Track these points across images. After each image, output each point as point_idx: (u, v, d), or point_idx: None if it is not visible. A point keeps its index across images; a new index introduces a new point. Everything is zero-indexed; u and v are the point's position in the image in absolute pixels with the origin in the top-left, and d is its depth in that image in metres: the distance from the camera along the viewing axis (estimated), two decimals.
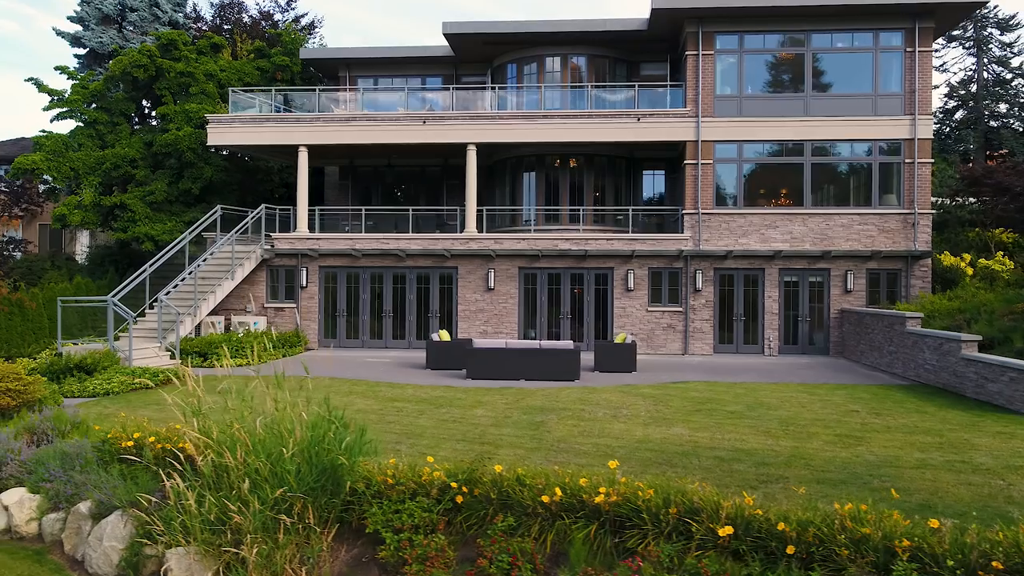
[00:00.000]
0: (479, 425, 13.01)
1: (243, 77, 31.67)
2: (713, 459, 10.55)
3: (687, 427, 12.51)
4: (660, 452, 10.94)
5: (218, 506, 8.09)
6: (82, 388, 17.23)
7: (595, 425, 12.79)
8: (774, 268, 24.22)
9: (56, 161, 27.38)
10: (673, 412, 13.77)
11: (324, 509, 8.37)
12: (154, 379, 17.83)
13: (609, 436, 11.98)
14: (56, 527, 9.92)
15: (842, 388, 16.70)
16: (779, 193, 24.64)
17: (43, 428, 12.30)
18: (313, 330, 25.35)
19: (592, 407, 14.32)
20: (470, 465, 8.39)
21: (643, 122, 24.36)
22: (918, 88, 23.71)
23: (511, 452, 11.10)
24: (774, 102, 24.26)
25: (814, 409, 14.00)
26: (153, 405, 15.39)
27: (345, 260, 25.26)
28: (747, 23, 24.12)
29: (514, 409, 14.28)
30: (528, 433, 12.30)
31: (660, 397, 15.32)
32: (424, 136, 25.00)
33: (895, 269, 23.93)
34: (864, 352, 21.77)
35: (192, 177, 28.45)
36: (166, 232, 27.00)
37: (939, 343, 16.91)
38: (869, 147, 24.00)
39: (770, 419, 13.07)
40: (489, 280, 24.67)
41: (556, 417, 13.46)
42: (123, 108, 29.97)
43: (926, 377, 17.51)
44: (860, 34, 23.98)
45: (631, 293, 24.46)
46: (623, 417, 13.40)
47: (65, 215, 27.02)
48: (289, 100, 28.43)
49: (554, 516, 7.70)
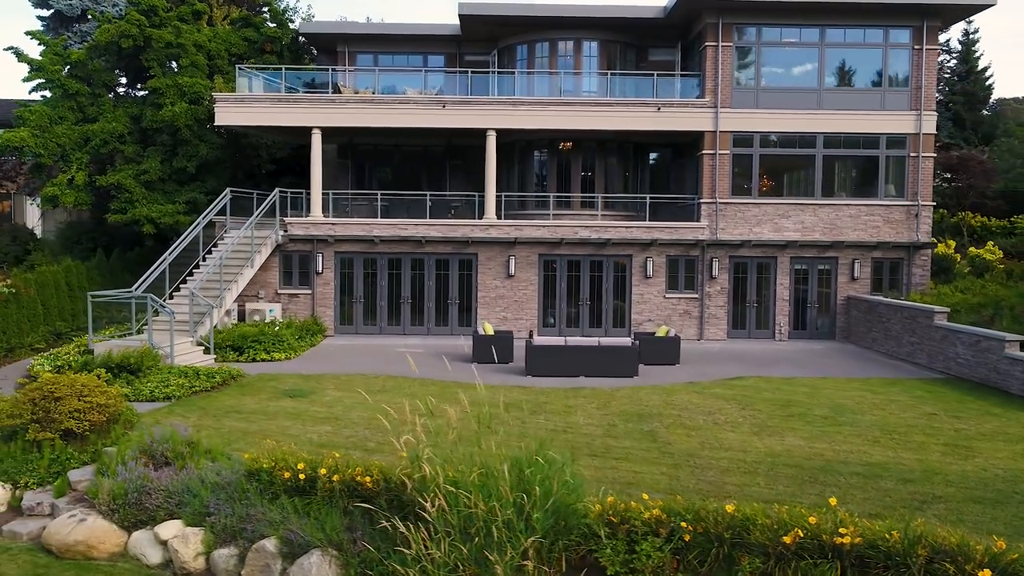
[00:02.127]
0: (591, 436, 13.28)
1: (230, 48, 30.35)
2: (853, 475, 11.13)
3: (798, 436, 13.09)
4: (799, 467, 11.46)
5: (459, 554, 8.15)
6: (136, 392, 16.60)
7: (707, 434, 13.25)
8: (786, 256, 25.10)
9: (43, 137, 25.80)
10: (767, 417, 14.34)
11: (551, 551, 8.54)
12: (210, 380, 17.33)
13: (733, 448, 12.45)
14: (231, 563, 9.74)
15: (894, 384, 17.63)
16: (791, 183, 25.43)
17: (159, 450, 11.95)
18: (329, 316, 24.96)
19: (685, 412, 14.77)
20: (691, 503, 8.67)
21: (663, 111, 24.65)
22: (924, 84, 24.73)
23: (655, 469, 11.42)
24: (789, 95, 24.90)
25: (894, 412, 14.81)
26: (233, 413, 15.03)
27: (362, 245, 24.86)
28: (765, 16, 24.56)
29: (610, 415, 14.60)
30: (650, 446, 12.65)
31: (738, 399, 15.89)
32: (444, 121, 24.65)
33: (898, 258, 25.15)
34: (877, 340, 22.92)
35: (187, 155, 27.26)
36: (167, 215, 25.90)
37: (975, 340, 18.02)
38: (877, 140, 24.97)
39: (866, 425, 13.78)
40: (510, 267, 24.75)
41: (661, 425, 13.85)
42: (105, 79, 28.36)
43: (958, 371, 18.66)
44: (871, 30, 24.77)
45: (649, 280, 24.98)
46: (725, 424, 13.90)
47: (57, 196, 25.56)
48: (291, 75, 27.49)
49: (793, 556, 8.08)
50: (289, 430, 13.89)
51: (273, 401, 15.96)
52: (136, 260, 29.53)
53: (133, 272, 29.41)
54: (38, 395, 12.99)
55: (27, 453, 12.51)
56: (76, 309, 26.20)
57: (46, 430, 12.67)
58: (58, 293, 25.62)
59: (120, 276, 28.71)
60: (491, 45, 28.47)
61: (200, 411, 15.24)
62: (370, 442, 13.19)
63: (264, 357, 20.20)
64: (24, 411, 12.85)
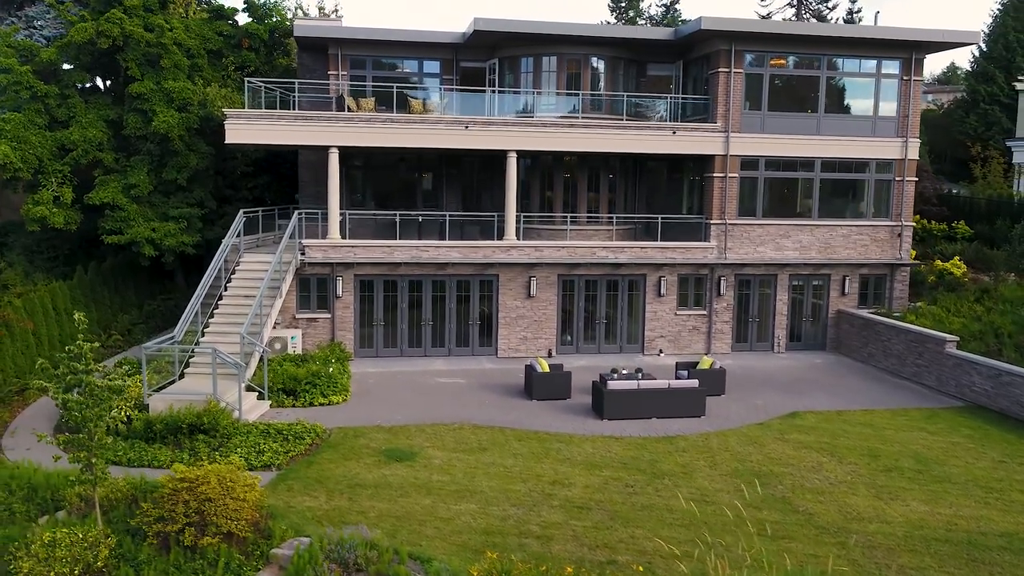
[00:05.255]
0: (736, 508, 13.95)
1: (205, 44, 28.48)
2: (1001, 550, 12.50)
3: (917, 500, 14.43)
4: (948, 543, 12.74)
5: None
6: (228, 463, 15.93)
7: (835, 499, 14.37)
8: (785, 273, 26.65)
9: (22, 150, 23.52)
10: (870, 473, 15.66)
11: None
12: (299, 441, 16.84)
13: (873, 518, 13.60)
14: None
15: (936, 418, 19.39)
16: (791, 204, 26.86)
17: (347, 557, 11.81)
18: (349, 340, 24.48)
19: (790, 468, 15.86)
20: None
21: (678, 135, 25.35)
22: (911, 112, 26.59)
23: (825, 551, 12.34)
24: (791, 120, 26.14)
25: (968, 460, 16.48)
26: (358, 488, 14.82)
27: (382, 268, 24.41)
28: (773, 44, 25.54)
29: (727, 476, 15.47)
30: (797, 518, 13.63)
31: (822, 447, 17.14)
32: (467, 142, 24.37)
33: (882, 274, 27.24)
34: (874, 355, 24.92)
35: (177, 166, 25.60)
36: (169, 235, 24.34)
37: (996, 373, 20.09)
38: (868, 164, 26.72)
39: (960, 482, 15.31)
40: (531, 288, 25.03)
41: (785, 488, 14.88)
42: (76, 79, 26.02)
43: (973, 398, 20.76)
44: (867, 61, 26.28)
45: (662, 298, 25.92)
46: (840, 484, 15.07)
47: (46, 217, 23.42)
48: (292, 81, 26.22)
49: None
50: (436, 511, 13.94)
51: (383, 467, 15.82)
52: (111, 271, 27.67)
53: (112, 286, 27.59)
54: (186, 495, 12.46)
55: (190, 562, 12.04)
56: (64, 335, 24.49)
57: (205, 535, 12.22)
58: (47, 320, 23.89)
59: (101, 292, 26.95)
60: (490, 53, 28.11)
61: (319, 486, 14.94)
62: (532, 525, 13.46)
63: (322, 401, 19.74)
64: (178, 515, 12.32)
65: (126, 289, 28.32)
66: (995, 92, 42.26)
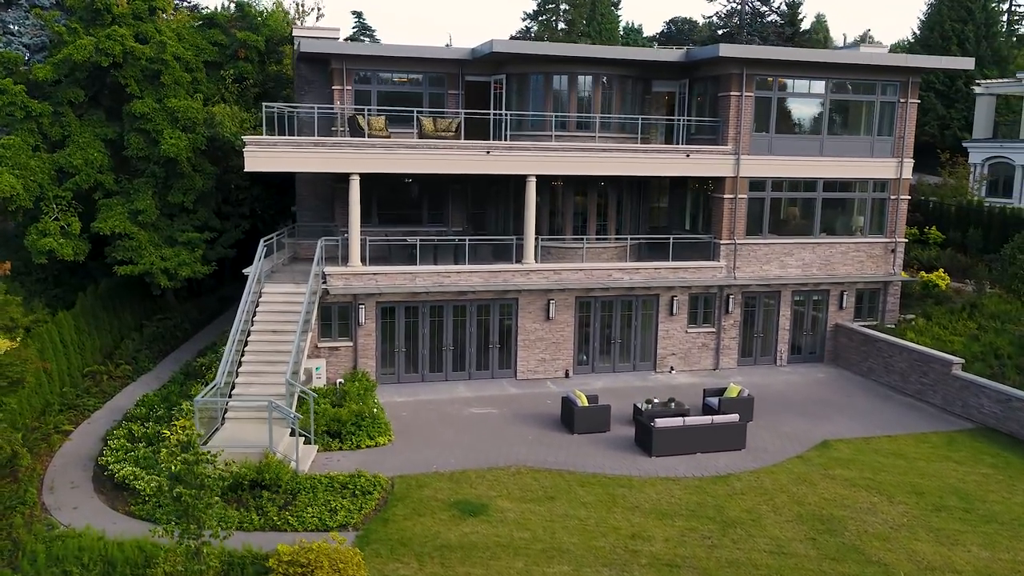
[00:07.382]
0: (813, 560, 14.80)
1: (201, 55, 27.43)
2: None
3: (976, 546, 15.42)
4: None
5: None
6: (302, 522, 15.86)
7: (902, 546, 15.26)
8: (788, 290, 27.60)
9: (24, 177, 22.34)
10: (921, 514, 16.63)
11: None
12: (368, 497, 16.79)
13: (944, 568, 14.52)
14: None
15: (957, 444, 20.58)
16: (794, 223, 27.71)
17: None
18: (371, 367, 24.34)
19: (849, 511, 16.71)
20: None
21: (691, 158, 25.81)
22: (906, 133, 27.65)
23: None
24: (797, 141, 26.89)
25: (1004, 495, 17.64)
26: (446, 551, 14.97)
27: (404, 295, 24.26)
28: (782, 69, 26.12)
29: (791, 521, 16.21)
30: (876, 571, 14.43)
31: (868, 485, 18.05)
32: (487, 167, 24.29)
33: (876, 289, 28.46)
34: (875, 370, 26.15)
35: (183, 188, 24.77)
36: (184, 264, 23.58)
37: (1006, 398, 21.41)
38: (866, 184, 27.74)
39: (1007, 521, 16.41)
40: (550, 310, 25.29)
41: (851, 534, 15.69)
42: (70, 96, 24.77)
43: (981, 419, 22.10)
44: (867, 84, 27.13)
45: (673, 316, 26.55)
46: (901, 528, 15.98)
47: (55, 250, 22.35)
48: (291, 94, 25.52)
49: None
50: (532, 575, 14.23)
51: (459, 524, 15.99)
52: (108, 293, 26.70)
53: (111, 310, 26.64)
54: None
55: None
56: (72, 367, 23.70)
57: None
58: (56, 355, 23.04)
59: (101, 317, 26.03)
60: (496, 68, 27.88)
61: (405, 550, 15.03)
62: None
63: (368, 443, 19.66)
64: None
65: (123, 311, 27.40)
66: (931, 80, 43.67)
